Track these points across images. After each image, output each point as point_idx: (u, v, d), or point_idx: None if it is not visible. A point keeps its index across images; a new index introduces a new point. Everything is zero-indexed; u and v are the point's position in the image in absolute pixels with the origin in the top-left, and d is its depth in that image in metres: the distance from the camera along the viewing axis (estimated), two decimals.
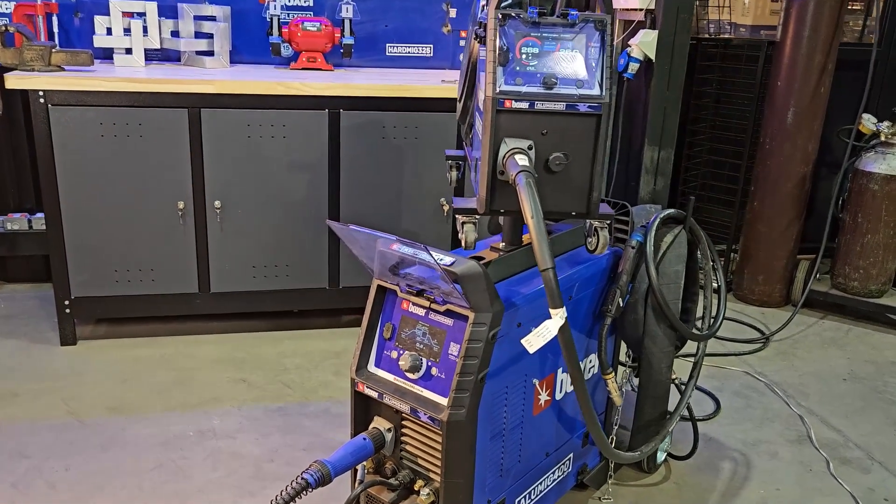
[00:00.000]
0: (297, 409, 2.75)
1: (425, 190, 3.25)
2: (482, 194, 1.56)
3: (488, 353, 1.64)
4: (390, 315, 1.79)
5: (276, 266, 3.22)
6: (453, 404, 1.63)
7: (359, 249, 1.72)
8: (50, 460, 2.39)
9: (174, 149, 2.98)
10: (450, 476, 1.67)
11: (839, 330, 3.67)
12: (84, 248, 3.01)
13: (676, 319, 1.99)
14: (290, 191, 3.13)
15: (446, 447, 1.65)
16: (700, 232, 2.10)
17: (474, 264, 1.59)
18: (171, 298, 3.15)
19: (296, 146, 3.08)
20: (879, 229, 3.54)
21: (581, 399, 1.62)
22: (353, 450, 1.73)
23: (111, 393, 2.80)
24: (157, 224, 3.05)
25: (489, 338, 1.62)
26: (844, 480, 2.48)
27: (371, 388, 1.76)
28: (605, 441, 1.80)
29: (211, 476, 2.36)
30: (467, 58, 1.84)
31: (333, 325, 3.45)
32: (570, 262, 1.98)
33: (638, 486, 2.41)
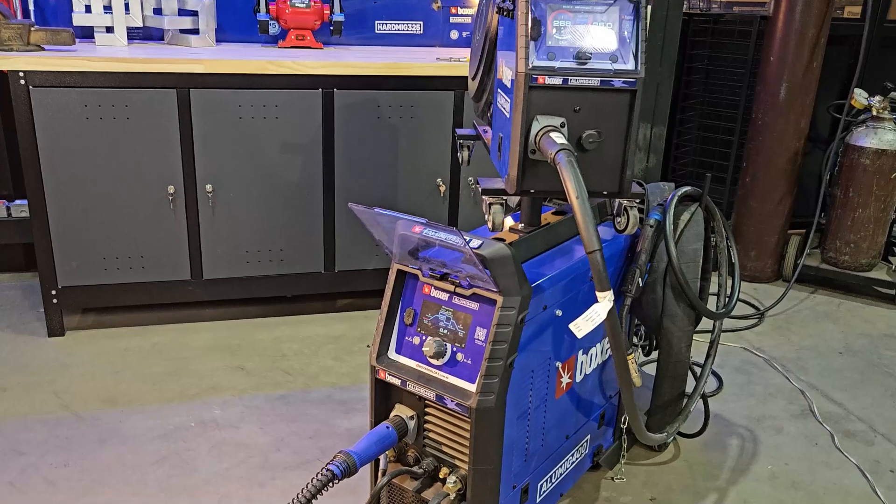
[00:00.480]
0: (300, 397, 2.70)
1: (422, 170, 3.19)
2: (513, 174, 1.51)
3: (517, 337, 1.60)
4: (411, 300, 1.74)
5: (271, 251, 3.14)
6: (482, 390, 1.59)
7: (380, 233, 1.66)
8: (46, 456, 2.31)
9: (163, 131, 2.87)
10: (478, 463, 1.64)
11: (831, 304, 3.71)
12: (70, 236, 2.90)
13: (696, 298, 1.96)
14: (284, 173, 3.05)
15: (475, 434, 1.61)
16: (715, 209, 2.08)
17: (503, 246, 1.55)
18: (163, 286, 3.06)
19: (289, 127, 2.99)
20: (870, 203, 3.56)
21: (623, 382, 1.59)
22: (376, 439, 1.68)
23: (104, 385, 2.71)
24: (146, 209, 2.94)
25: (518, 322, 1.58)
26: (850, 453, 2.50)
27: (393, 376, 1.72)
28: (641, 423, 1.78)
29: (217, 468, 2.30)
30: (483, 33, 1.78)
31: (329, 309, 3.39)
32: None
33: (649, 464, 2.40)
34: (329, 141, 3.05)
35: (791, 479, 2.37)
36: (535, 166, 1.49)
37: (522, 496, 1.83)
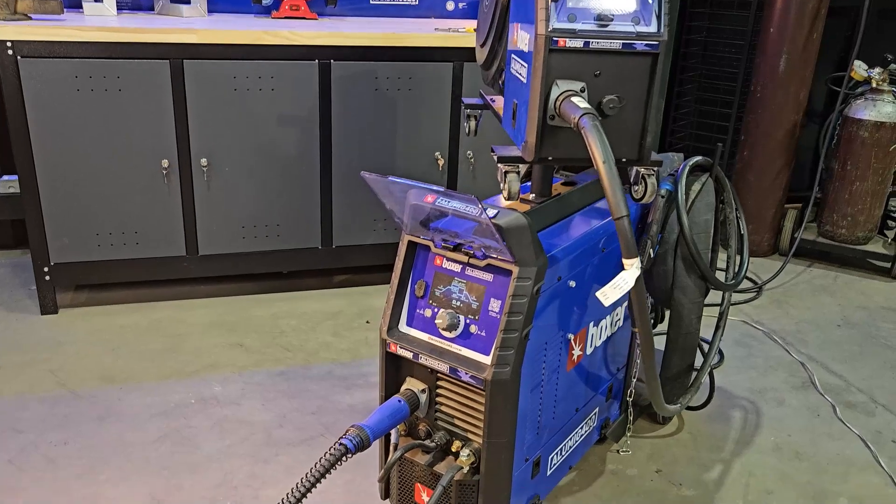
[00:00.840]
0: (300, 373, 2.66)
1: (420, 143, 3.15)
2: (531, 141, 1.47)
3: (532, 308, 1.57)
4: (422, 272, 1.71)
5: (267, 226, 3.09)
6: (497, 363, 1.56)
7: (392, 203, 1.62)
8: (46, 434, 2.27)
9: (156, 103, 2.80)
10: (492, 436, 1.62)
11: (827, 277, 3.71)
12: (62, 212, 2.84)
13: (708, 269, 1.95)
14: (280, 146, 2.99)
15: (490, 407, 1.59)
16: (725, 180, 2.05)
17: (520, 215, 1.51)
18: (157, 262, 3.01)
19: (285, 99, 2.93)
20: (868, 176, 3.56)
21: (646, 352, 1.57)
22: (389, 413, 1.66)
23: (101, 362, 2.66)
24: (140, 184, 2.88)
25: (534, 293, 1.56)
26: (852, 424, 2.51)
27: (405, 349, 1.69)
28: (661, 394, 1.76)
29: (220, 445, 2.27)
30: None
31: (326, 285, 3.35)
32: (599, 214, 1.92)
33: (654, 437, 2.40)
34: (326, 114, 2.99)
35: (795, 450, 2.37)
36: (554, 133, 1.46)
37: (534, 469, 1.81)
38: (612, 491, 2.15)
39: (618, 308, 2.03)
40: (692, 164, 1.96)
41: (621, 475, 2.21)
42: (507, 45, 1.65)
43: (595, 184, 1.98)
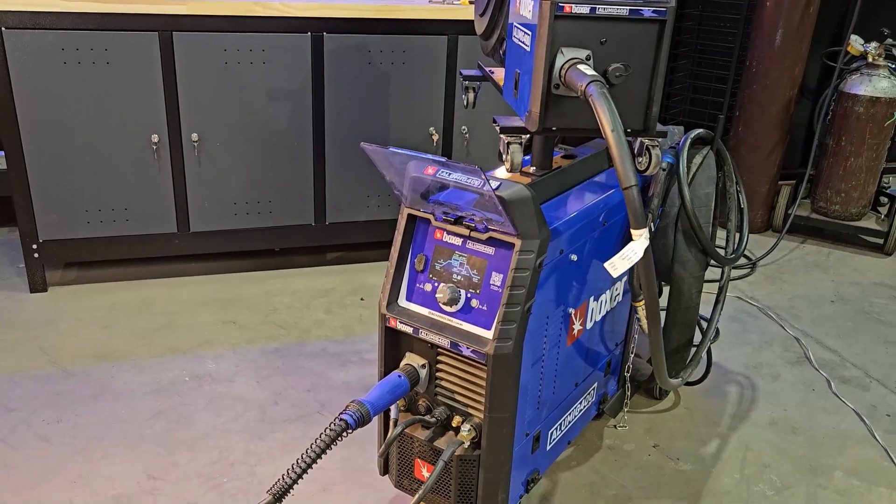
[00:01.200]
0: (295, 350, 2.64)
1: (415, 118, 3.11)
2: (535, 110, 1.44)
3: (535, 282, 1.55)
4: (422, 246, 1.68)
5: (259, 202, 3.05)
6: (499, 337, 1.54)
7: (393, 175, 1.59)
8: (38, 412, 2.24)
9: (145, 77, 2.74)
10: (494, 410, 1.60)
11: (820, 253, 3.72)
12: (50, 188, 2.79)
13: (709, 243, 1.93)
14: (272, 121, 2.94)
15: (491, 381, 1.57)
16: (726, 153, 2.03)
17: (523, 187, 1.49)
18: (148, 239, 2.96)
19: (277, 73, 2.88)
20: (862, 152, 3.56)
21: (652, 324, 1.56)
22: (389, 388, 1.64)
23: (93, 340, 2.63)
24: (129, 159, 2.83)
25: (536, 266, 1.54)
26: (847, 399, 2.52)
27: (405, 324, 1.66)
28: (664, 367, 1.75)
29: (215, 422, 2.25)
30: None
31: (319, 262, 3.32)
32: (599, 187, 1.89)
33: (650, 412, 2.40)
34: (319, 88, 2.95)
35: (790, 424, 2.38)
36: (559, 102, 1.43)
37: (534, 444, 1.81)
38: (609, 466, 2.15)
39: (617, 283, 2.02)
40: (693, 137, 1.93)
41: (619, 450, 2.22)
42: (509, 13, 1.62)
43: (595, 157, 1.96)
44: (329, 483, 2.02)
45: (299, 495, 1.93)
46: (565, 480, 2.07)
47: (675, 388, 2.11)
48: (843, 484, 2.13)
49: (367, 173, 3.11)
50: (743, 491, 2.08)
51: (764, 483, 2.12)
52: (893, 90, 3.45)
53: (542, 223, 1.53)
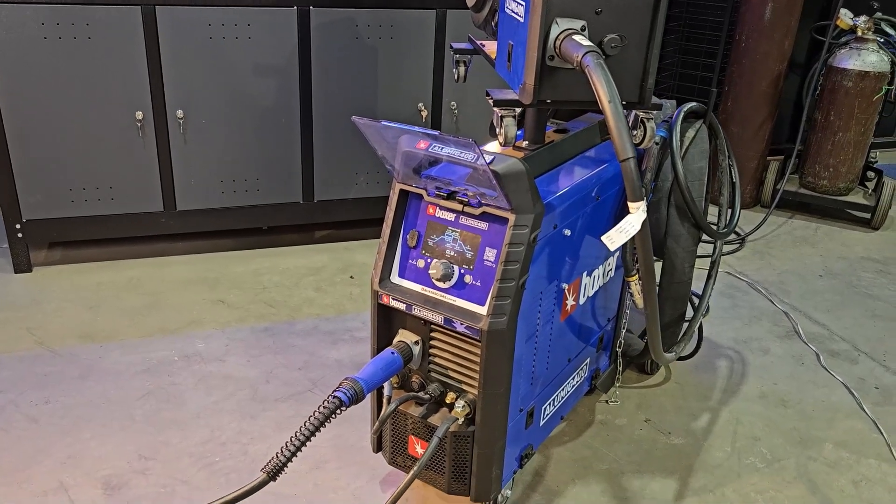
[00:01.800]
0: (285, 329, 2.62)
1: (403, 94, 3.07)
2: (529, 82, 1.42)
3: (529, 257, 1.54)
4: (414, 222, 1.66)
5: (246, 180, 3.01)
6: (494, 312, 1.53)
7: (385, 149, 1.57)
8: (26, 393, 2.21)
9: (128, 52, 2.69)
10: (488, 387, 1.60)
11: (808, 228, 3.73)
12: (34, 167, 2.74)
13: (702, 217, 1.93)
14: (259, 97, 2.90)
15: (486, 357, 1.56)
16: (719, 126, 2.02)
17: (517, 161, 1.47)
18: (134, 218, 2.92)
19: (263, 48, 2.83)
20: (851, 127, 3.56)
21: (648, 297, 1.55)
22: (382, 365, 1.63)
23: (79, 320, 2.60)
24: (113, 137, 2.78)
25: (531, 240, 1.52)
26: (835, 372, 2.54)
27: (397, 300, 1.65)
28: (660, 341, 1.75)
29: (206, 401, 2.23)
30: None
31: (307, 241, 3.29)
32: (592, 161, 1.88)
33: (642, 387, 2.41)
34: (306, 63, 2.90)
35: (780, 397, 2.40)
36: (553, 74, 1.41)
37: (528, 419, 1.80)
38: (602, 440, 2.16)
39: (609, 259, 2.01)
40: (686, 111, 1.92)
41: (611, 425, 2.22)
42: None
43: (588, 131, 1.94)
44: (321, 461, 2.02)
45: (292, 474, 1.93)
46: (558, 455, 2.08)
47: (668, 363, 2.11)
48: (833, 456, 2.14)
49: (356, 150, 3.08)
50: (734, 464, 2.10)
51: (755, 456, 2.13)
52: (882, 64, 3.44)
53: (537, 197, 1.52)
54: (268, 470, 1.45)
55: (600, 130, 1.98)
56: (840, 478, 2.06)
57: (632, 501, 1.94)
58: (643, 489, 1.98)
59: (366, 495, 1.90)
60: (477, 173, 1.52)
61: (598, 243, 1.88)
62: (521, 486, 1.95)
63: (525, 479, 1.98)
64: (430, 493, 1.91)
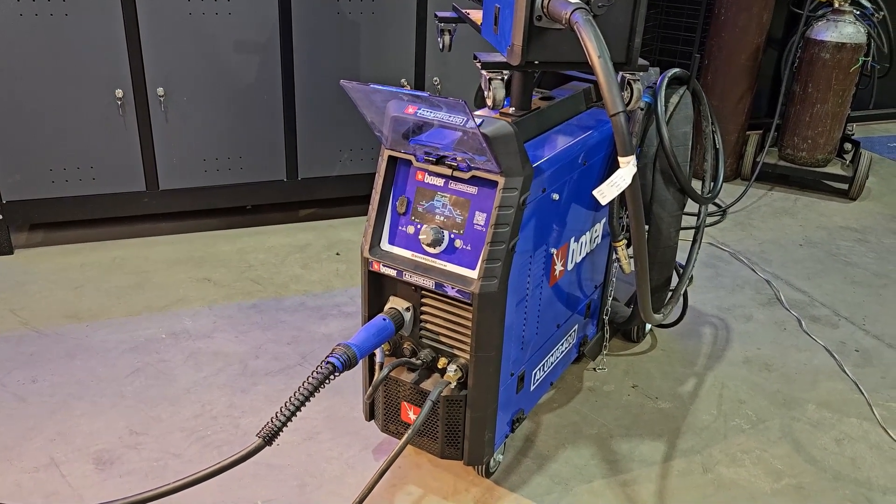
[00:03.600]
0: (273, 305, 2.62)
1: (385, 69, 3.06)
2: (517, 43, 1.42)
3: (518, 219, 1.55)
4: (403, 188, 1.67)
5: (229, 158, 2.99)
6: (485, 275, 1.55)
7: (373, 114, 1.57)
8: (13, 373, 2.20)
9: (106, 29, 2.65)
10: (480, 350, 1.61)
11: (787, 200, 3.78)
12: (12, 147, 2.70)
13: (687, 182, 1.95)
14: (240, 74, 2.88)
15: (477, 321, 1.58)
16: (702, 92, 2.04)
17: (505, 124, 1.48)
18: (116, 198, 2.90)
19: (243, 23, 2.81)
20: (829, 98, 3.60)
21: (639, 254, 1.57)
22: (374, 331, 1.64)
23: (64, 301, 2.58)
24: (93, 116, 2.75)
25: (520, 203, 1.53)
26: (817, 336, 2.58)
27: (388, 267, 1.66)
28: (649, 299, 1.77)
29: (196, 377, 2.23)
30: None
31: (292, 219, 3.28)
32: (578, 128, 1.89)
33: (628, 355, 2.44)
34: (287, 39, 2.88)
35: (764, 361, 2.44)
36: (541, 34, 1.41)
37: (519, 384, 1.82)
38: (591, 406, 2.18)
39: (596, 225, 2.03)
40: (670, 76, 1.93)
41: (599, 391, 2.25)
42: None
43: (573, 98, 1.95)
44: (313, 432, 2.02)
45: (285, 445, 1.94)
46: (548, 422, 2.10)
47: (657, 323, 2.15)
48: (816, 416, 2.19)
49: (339, 127, 3.07)
50: (721, 426, 2.14)
51: (740, 417, 2.17)
52: (859, 35, 3.48)
53: (526, 160, 1.53)
54: (263, 434, 1.46)
55: (585, 98, 2.00)
56: (823, 436, 2.11)
57: (621, 464, 1.97)
58: (632, 452, 2.01)
59: (359, 464, 1.91)
60: (466, 137, 1.53)
61: (584, 210, 1.90)
62: (512, 452, 1.98)
63: (516, 444, 2.01)
64: (424, 459, 1.92)
